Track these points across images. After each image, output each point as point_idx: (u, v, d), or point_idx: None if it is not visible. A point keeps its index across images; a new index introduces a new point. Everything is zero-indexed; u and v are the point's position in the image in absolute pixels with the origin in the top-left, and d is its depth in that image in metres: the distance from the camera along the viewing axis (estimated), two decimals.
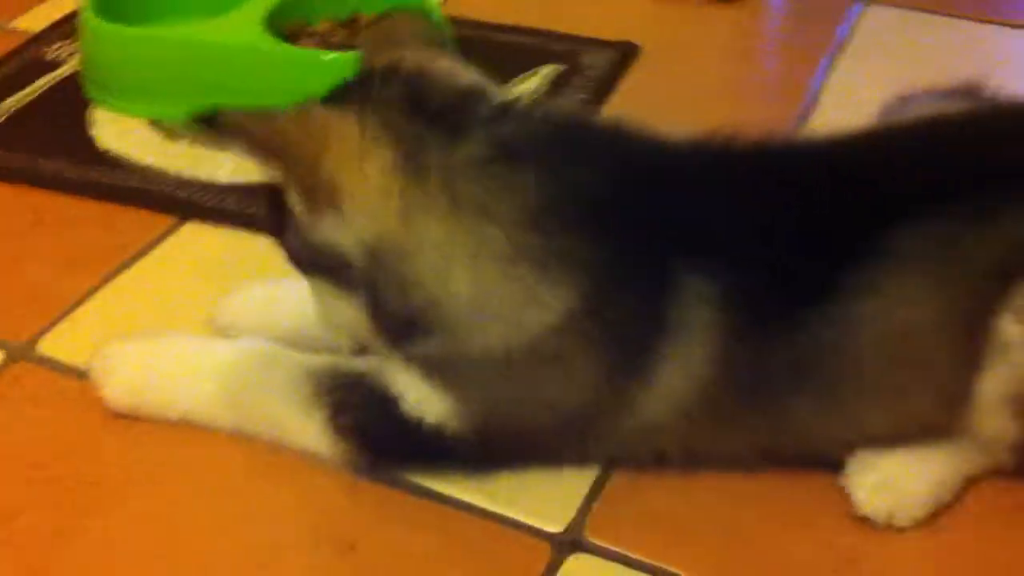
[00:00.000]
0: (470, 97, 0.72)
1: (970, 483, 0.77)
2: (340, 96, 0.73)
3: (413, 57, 0.74)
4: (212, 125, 0.69)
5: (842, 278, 0.72)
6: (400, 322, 0.72)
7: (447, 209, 0.69)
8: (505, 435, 0.75)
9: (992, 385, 0.72)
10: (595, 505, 0.77)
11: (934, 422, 0.75)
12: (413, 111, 0.70)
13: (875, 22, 1.34)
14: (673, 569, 0.73)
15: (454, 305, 0.70)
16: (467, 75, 0.74)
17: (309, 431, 0.76)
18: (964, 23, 1.34)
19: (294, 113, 0.70)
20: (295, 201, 0.71)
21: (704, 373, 0.71)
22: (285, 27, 1.19)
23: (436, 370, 0.73)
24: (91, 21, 1.18)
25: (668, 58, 1.28)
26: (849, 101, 1.17)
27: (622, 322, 0.71)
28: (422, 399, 0.74)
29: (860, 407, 0.75)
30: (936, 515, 0.76)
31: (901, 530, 0.75)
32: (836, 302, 0.72)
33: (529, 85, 1.21)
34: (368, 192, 0.69)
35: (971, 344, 0.72)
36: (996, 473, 0.77)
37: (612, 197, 0.72)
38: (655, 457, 0.77)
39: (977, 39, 1.31)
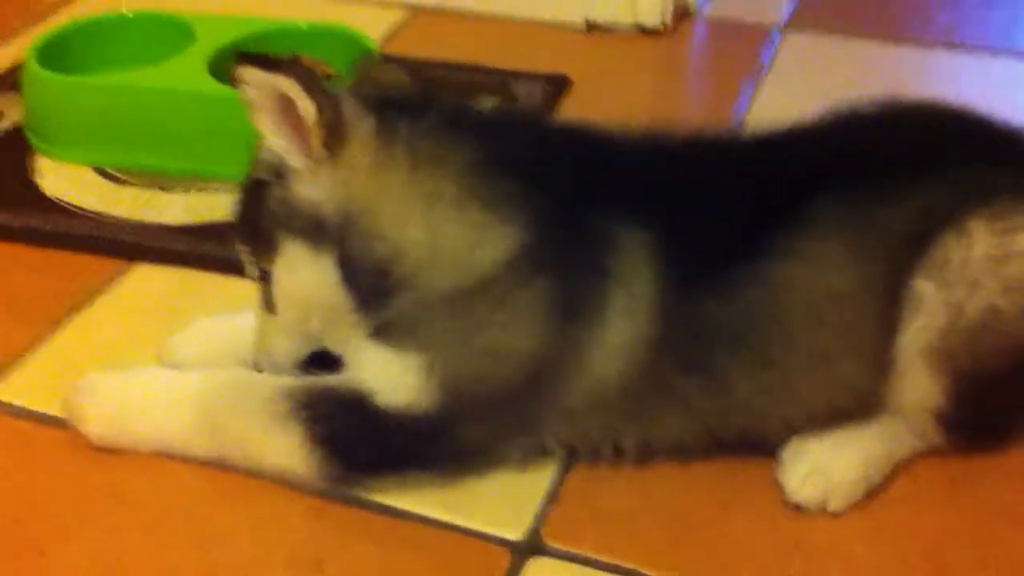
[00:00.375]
0: (434, 97, 0.83)
1: (904, 463, 0.81)
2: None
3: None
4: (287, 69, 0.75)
5: (769, 242, 0.78)
6: (367, 280, 0.77)
7: (407, 166, 0.77)
8: (470, 404, 0.78)
9: (909, 339, 0.77)
10: (551, 510, 0.80)
11: (863, 389, 0.80)
12: (383, 97, 0.80)
13: (795, 47, 1.41)
14: (629, 565, 0.76)
15: (412, 252, 0.77)
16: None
17: (285, 446, 0.79)
18: (877, 44, 1.41)
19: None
20: (296, 158, 0.77)
21: (644, 327, 0.77)
22: (227, 73, 1.21)
23: (403, 334, 0.77)
24: (34, 71, 1.20)
25: (598, 89, 1.33)
26: (773, 123, 1.23)
27: (564, 265, 0.76)
28: (391, 380, 0.77)
29: (792, 373, 0.79)
30: (873, 496, 0.80)
31: (836, 515, 0.79)
32: (763, 263, 0.78)
33: None
34: (340, 154, 0.77)
35: (889, 307, 0.77)
36: (929, 452, 0.82)
37: (549, 155, 0.80)
38: (612, 449, 0.81)
39: (890, 58, 1.38)
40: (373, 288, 0.78)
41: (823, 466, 0.79)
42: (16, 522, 0.80)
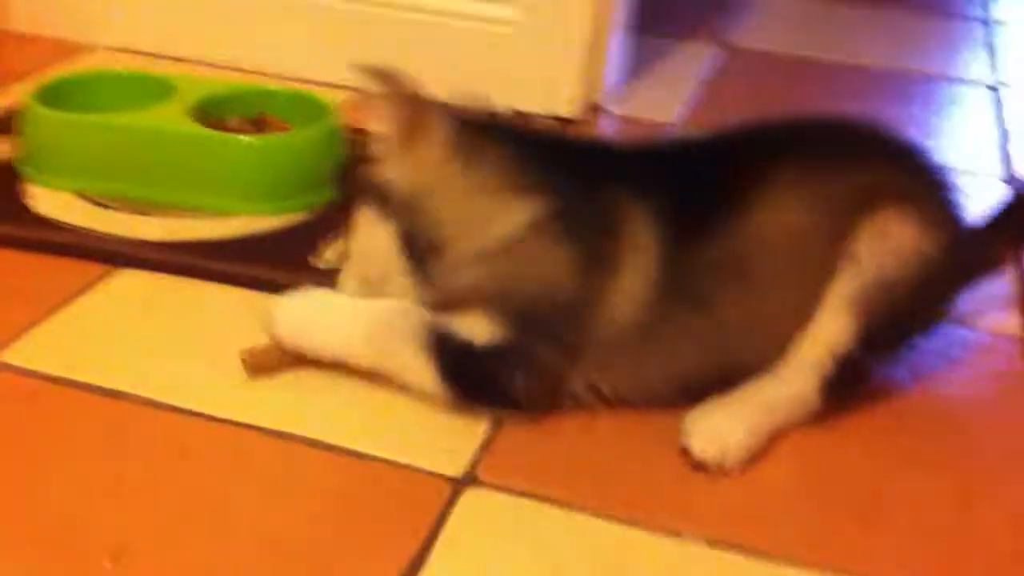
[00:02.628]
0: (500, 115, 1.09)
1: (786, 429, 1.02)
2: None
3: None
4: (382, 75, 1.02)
5: (745, 197, 1.00)
6: (419, 247, 1.01)
7: (464, 164, 1.01)
8: (532, 325, 0.99)
9: (842, 286, 1.00)
10: (485, 454, 0.97)
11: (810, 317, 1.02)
12: (463, 115, 1.04)
13: None
14: (555, 497, 0.93)
15: (454, 224, 1.00)
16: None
17: (427, 375, 1.00)
18: None
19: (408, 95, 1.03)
20: (381, 146, 1.02)
21: (651, 274, 0.98)
22: (204, 122, 1.39)
23: (455, 292, 1.00)
24: (33, 107, 1.36)
25: None
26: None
27: (582, 228, 0.99)
28: (471, 329, 0.99)
29: (767, 298, 1.01)
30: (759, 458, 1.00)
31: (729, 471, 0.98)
32: (741, 213, 1.00)
33: None
34: (420, 150, 1.01)
35: (831, 255, 1.00)
36: (806, 420, 1.03)
37: (566, 151, 1.08)
38: (639, 385, 1.02)
39: None
40: (423, 254, 1.01)
41: (719, 430, 0.98)
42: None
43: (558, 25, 1.62)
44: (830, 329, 1.01)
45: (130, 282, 1.20)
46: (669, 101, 1.78)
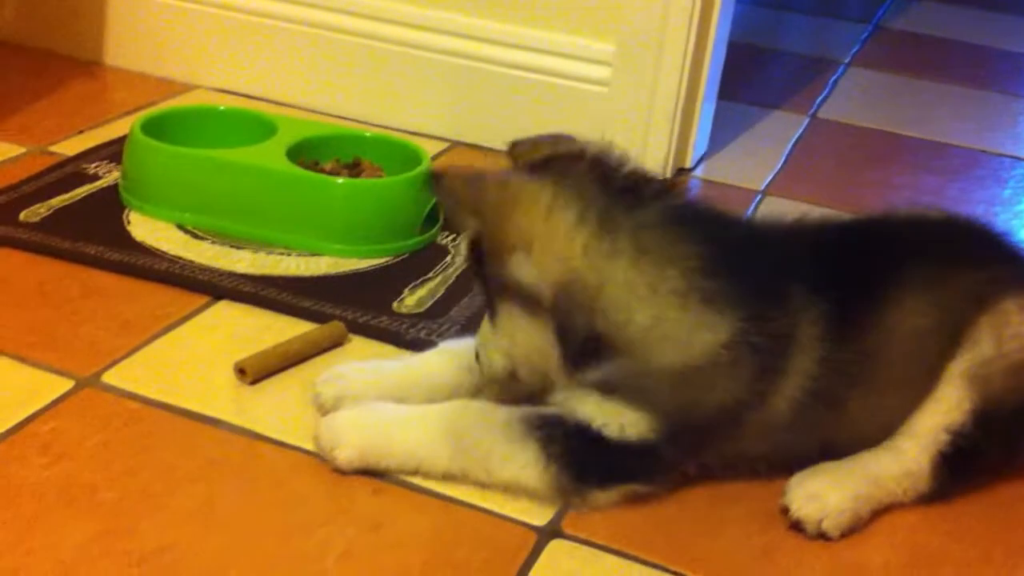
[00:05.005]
0: (640, 176, 0.97)
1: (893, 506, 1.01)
2: (534, 170, 0.96)
3: (594, 147, 0.98)
4: (432, 182, 0.94)
5: (883, 295, 0.99)
6: (582, 346, 0.92)
7: (632, 256, 0.91)
8: (682, 437, 0.95)
9: (957, 363, 0.99)
10: (568, 507, 0.97)
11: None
12: (600, 184, 0.94)
13: (773, 208, 1.65)
14: (633, 552, 0.94)
15: (634, 331, 0.91)
16: (631, 162, 0.98)
17: (522, 462, 0.94)
18: (841, 214, 1.66)
19: (497, 179, 0.95)
20: (486, 247, 0.93)
21: (810, 377, 0.96)
22: (299, 162, 1.43)
23: (616, 390, 0.93)
24: (137, 137, 1.40)
25: None
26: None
27: (765, 340, 0.93)
28: (619, 422, 0.93)
29: (887, 394, 1.00)
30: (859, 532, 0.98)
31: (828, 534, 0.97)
32: (879, 311, 0.99)
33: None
34: (555, 241, 0.91)
35: (953, 344, 1.00)
36: (916, 500, 1.01)
37: (750, 251, 0.99)
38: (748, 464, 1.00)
39: None
40: (583, 351, 0.92)
41: (820, 491, 0.98)
42: (128, 473, 0.97)
43: (651, 87, 1.64)
44: (946, 403, 1.00)
45: (227, 313, 1.23)
46: (757, 168, 1.79)
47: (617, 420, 0.94)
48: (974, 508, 1.04)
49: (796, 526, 0.97)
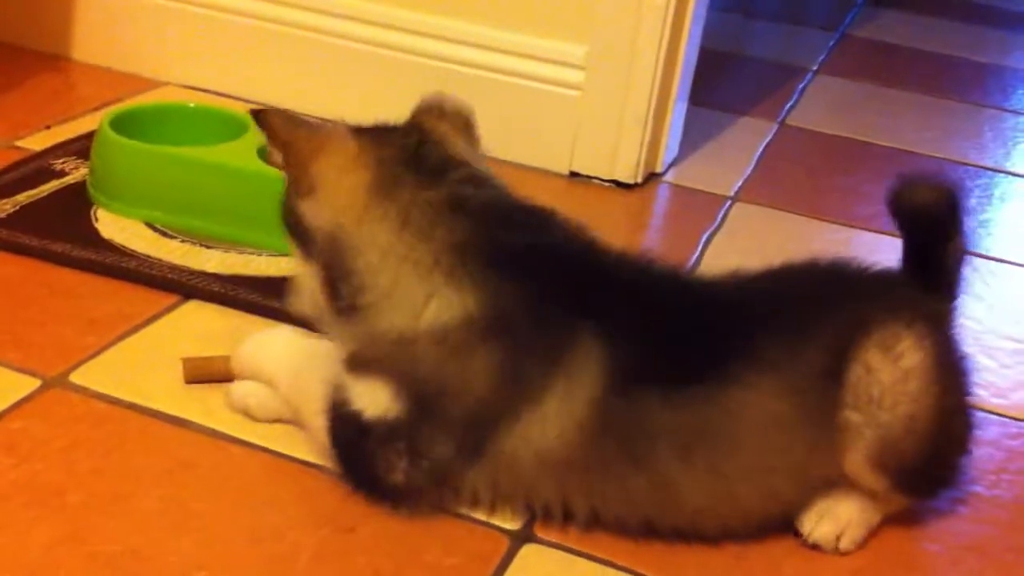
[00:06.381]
0: (452, 163, 0.95)
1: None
2: (365, 131, 0.97)
3: (441, 128, 0.98)
4: (254, 117, 0.96)
5: (722, 368, 0.91)
6: (342, 299, 0.93)
7: (398, 225, 0.91)
8: (432, 416, 0.91)
9: (852, 459, 0.94)
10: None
11: (791, 501, 0.96)
12: (410, 159, 0.94)
13: (742, 214, 1.67)
14: (604, 556, 0.93)
15: (377, 294, 0.91)
16: (466, 152, 0.97)
17: (320, 428, 0.95)
18: (809, 221, 1.68)
19: (313, 125, 0.96)
20: (289, 182, 0.96)
21: (581, 414, 0.89)
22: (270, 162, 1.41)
23: (367, 364, 0.92)
24: (106, 133, 1.38)
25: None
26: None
27: (515, 342, 0.90)
28: (366, 398, 0.91)
29: (735, 483, 0.92)
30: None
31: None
32: (716, 385, 0.91)
33: None
34: (338, 196, 0.93)
35: (824, 433, 0.93)
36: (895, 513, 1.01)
37: (535, 250, 0.92)
38: (560, 506, 0.94)
39: (817, 232, 1.65)
40: (347, 307, 0.93)
41: (829, 509, 0.97)
42: (95, 473, 0.96)
43: (623, 91, 1.64)
44: (868, 486, 0.96)
45: (197, 313, 1.22)
46: (726, 174, 1.80)
47: (364, 390, 0.92)
48: (943, 512, 1.06)
49: (815, 547, 0.97)
